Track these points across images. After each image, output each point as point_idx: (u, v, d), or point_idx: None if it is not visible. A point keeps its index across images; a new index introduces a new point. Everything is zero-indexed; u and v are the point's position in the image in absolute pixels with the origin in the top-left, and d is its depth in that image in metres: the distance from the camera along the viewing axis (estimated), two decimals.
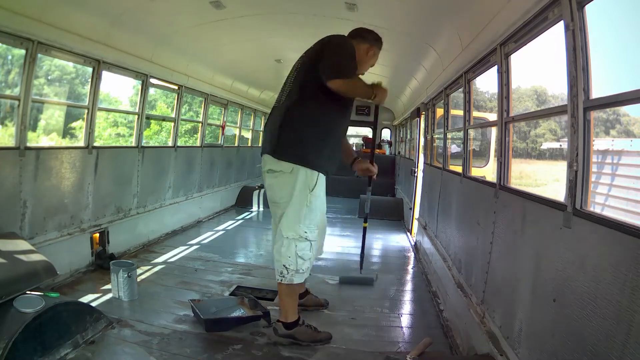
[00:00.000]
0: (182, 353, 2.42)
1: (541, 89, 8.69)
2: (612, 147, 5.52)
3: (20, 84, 2.95)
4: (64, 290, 3.12)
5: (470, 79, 3.34)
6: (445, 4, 3.10)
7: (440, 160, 4.58)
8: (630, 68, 3.67)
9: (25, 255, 2.61)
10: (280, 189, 2.50)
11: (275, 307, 3.12)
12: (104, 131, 11.54)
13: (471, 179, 3.27)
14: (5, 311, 2.17)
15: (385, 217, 7.28)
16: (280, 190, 2.50)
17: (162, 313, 2.94)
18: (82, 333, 2.42)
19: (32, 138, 4.06)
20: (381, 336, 2.86)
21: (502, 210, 2.38)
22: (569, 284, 1.56)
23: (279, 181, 2.49)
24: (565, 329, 1.55)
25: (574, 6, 1.60)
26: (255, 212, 7.35)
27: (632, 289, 1.22)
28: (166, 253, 4.37)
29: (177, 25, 4.05)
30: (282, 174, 2.47)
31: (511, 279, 2.14)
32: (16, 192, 2.96)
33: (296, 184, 2.44)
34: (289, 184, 2.45)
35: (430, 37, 3.91)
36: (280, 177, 2.48)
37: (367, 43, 2.71)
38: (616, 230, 1.32)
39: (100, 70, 3.64)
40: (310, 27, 4.55)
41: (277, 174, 2.49)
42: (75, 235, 3.53)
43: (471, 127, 3.58)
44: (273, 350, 2.53)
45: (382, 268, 4.67)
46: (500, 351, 2.05)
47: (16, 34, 2.80)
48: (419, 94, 5.95)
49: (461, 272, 3.09)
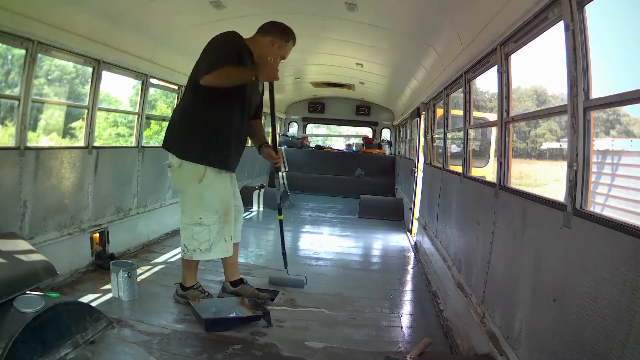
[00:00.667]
0: (182, 353, 2.42)
1: (541, 89, 8.69)
2: (612, 147, 5.51)
3: (20, 84, 2.95)
4: (64, 290, 3.12)
5: (470, 79, 3.34)
6: (445, 4, 3.10)
7: (440, 160, 4.58)
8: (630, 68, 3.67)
9: (25, 255, 2.61)
10: (176, 180, 2.87)
11: (275, 307, 3.12)
12: (104, 131, 11.53)
13: (471, 179, 3.27)
14: (5, 311, 2.17)
15: (385, 217, 7.29)
16: (175, 182, 2.89)
17: (162, 313, 2.94)
18: (82, 333, 2.42)
19: (32, 138, 4.06)
20: (381, 336, 2.86)
21: (502, 210, 2.38)
22: (569, 284, 1.56)
23: (173, 174, 2.84)
24: (565, 329, 1.55)
25: (574, 6, 1.60)
26: (255, 212, 7.35)
27: (632, 289, 1.22)
28: (166, 253, 4.37)
29: (177, 25, 4.05)
30: (174, 167, 2.80)
31: (511, 279, 2.14)
32: (16, 192, 2.96)
33: (185, 177, 2.79)
34: (180, 177, 2.81)
35: (430, 37, 3.91)
36: (174, 171, 2.82)
37: (269, 36, 2.88)
38: (616, 230, 1.32)
39: (100, 70, 3.64)
40: (310, 27, 4.55)
41: (172, 167, 2.83)
42: (75, 235, 3.53)
43: (471, 127, 3.58)
44: (273, 350, 2.53)
45: (382, 268, 4.68)
46: (500, 351, 2.05)
47: (16, 34, 2.79)
48: (419, 94, 5.95)
49: (461, 272, 3.09)
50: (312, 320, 2.99)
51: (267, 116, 5.62)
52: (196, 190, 2.78)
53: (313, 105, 10.52)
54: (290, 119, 10.85)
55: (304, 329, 2.84)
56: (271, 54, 2.87)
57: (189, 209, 2.85)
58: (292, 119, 10.85)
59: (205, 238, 2.84)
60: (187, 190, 2.84)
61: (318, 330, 2.84)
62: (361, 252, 5.29)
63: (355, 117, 10.53)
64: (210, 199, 2.81)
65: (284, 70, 7.21)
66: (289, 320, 2.93)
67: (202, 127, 2.74)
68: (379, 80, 7.16)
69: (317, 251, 4.97)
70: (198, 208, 2.81)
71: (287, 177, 9.55)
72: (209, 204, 2.81)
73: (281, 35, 2.90)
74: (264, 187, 7.95)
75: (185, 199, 2.88)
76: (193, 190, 2.80)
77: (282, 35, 2.90)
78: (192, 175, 2.76)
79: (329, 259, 4.69)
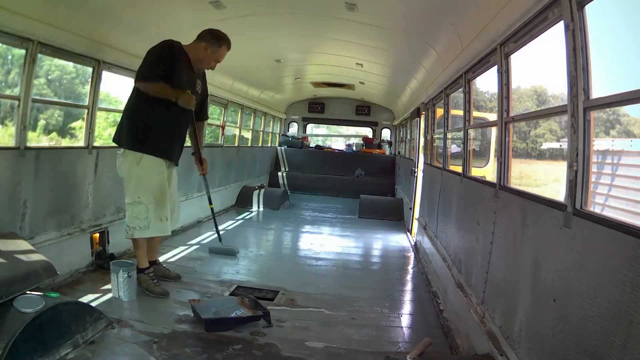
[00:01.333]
0: (182, 353, 2.42)
1: (541, 89, 8.67)
2: (612, 147, 5.51)
3: (20, 84, 2.95)
4: (64, 290, 3.12)
5: (470, 79, 3.34)
6: (445, 4, 3.10)
7: (440, 160, 4.58)
8: (630, 68, 3.67)
9: (25, 255, 2.61)
10: (120, 166, 3.23)
11: (275, 307, 3.12)
12: (104, 131, 11.52)
13: (471, 179, 3.28)
14: (5, 311, 2.17)
15: (385, 217, 7.29)
16: (120, 168, 3.24)
17: (162, 313, 2.94)
18: (82, 333, 2.42)
19: (32, 138, 4.05)
20: (381, 336, 2.86)
21: (502, 210, 2.38)
22: (569, 284, 1.56)
23: (120, 161, 3.23)
24: (565, 329, 1.55)
25: (574, 6, 1.60)
26: (255, 212, 7.35)
27: (632, 289, 1.22)
28: (166, 253, 4.37)
29: (177, 25, 4.04)
30: (120, 155, 3.23)
31: (511, 279, 2.14)
32: (16, 192, 2.96)
33: (127, 162, 3.17)
34: (124, 163, 3.19)
35: (430, 37, 3.91)
36: (120, 158, 3.22)
37: (203, 42, 3.22)
38: (616, 230, 1.32)
39: (100, 70, 3.64)
40: (310, 27, 4.56)
41: (118, 155, 3.25)
42: (75, 235, 3.53)
43: (471, 127, 3.58)
44: (273, 350, 2.53)
45: (382, 268, 4.68)
46: (500, 351, 2.05)
47: (16, 34, 2.79)
48: (419, 94, 5.95)
49: (461, 272, 3.09)
50: (312, 320, 2.99)
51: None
52: (135, 172, 3.16)
53: (313, 105, 10.53)
54: (290, 119, 10.85)
55: (304, 329, 2.84)
56: (205, 58, 3.25)
57: (130, 190, 3.21)
58: (292, 119, 10.86)
59: (144, 215, 3.19)
60: (129, 175, 3.19)
61: (318, 330, 2.84)
62: (361, 252, 5.29)
63: (355, 117, 10.53)
64: (147, 180, 3.18)
65: (284, 70, 7.24)
66: (289, 320, 2.93)
67: (142, 121, 3.15)
68: (379, 80, 7.16)
69: (317, 251, 4.97)
70: (137, 188, 3.18)
71: (287, 177, 9.55)
72: (145, 185, 3.18)
73: (214, 40, 3.23)
74: (264, 187, 7.96)
75: (127, 184, 3.22)
76: (133, 173, 3.17)
77: (214, 41, 3.23)
78: (132, 160, 3.16)
79: (329, 259, 4.69)
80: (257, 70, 6.68)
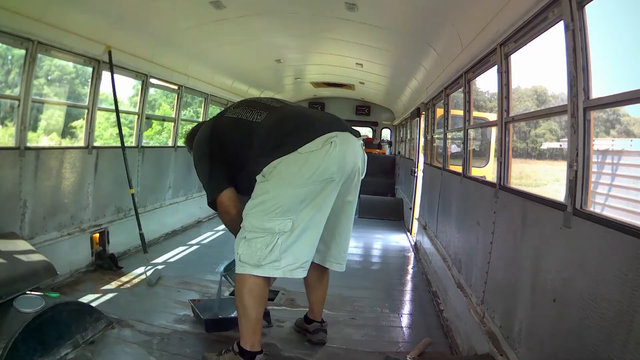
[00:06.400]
0: (182, 353, 2.42)
1: (541, 89, 8.68)
2: (612, 147, 5.51)
3: (20, 84, 2.95)
4: (64, 290, 3.12)
5: (470, 79, 3.34)
6: (445, 4, 3.10)
7: (440, 160, 4.58)
8: (630, 68, 3.67)
9: (25, 255, 2.61)
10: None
11: (275, 307, 3.12)
12: (104, 131, 11.52)
13: (471, 179, 3.27)
14: (5, 311, 2.17)
15: (385, 217, 7.29)
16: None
17: (162, 313, 2.94)
18: (82, 333, 2.42)
19: (32, 138, 4.06)
20: (381, 336, 2.86)
21: (502, 210, 2.38)
22: (569, 284, 1.56)
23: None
24: (565, 329, 1.55)
25: (574, 6, 1.60)
26: None
27: (632, 289, 1.22)
28: (166, 253, 4.37)
29: (178, 25, 4.05)
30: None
31: (511, 279, 2.14)
32: (16, 192, 2.96)
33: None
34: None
35: (430, 37, 3.91)
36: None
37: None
38: (616, 230, 1.32)
39: (100, 70, 3.64)
40: (310, 27, 4.56)
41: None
42: (75, 235, 3.53)
43: (471, 127, 3.58)
44: (273, 350, 2.52)
45: (382, 268, 4.68)
46: (500, 351, 2.05)
47: (16, 34, 2.79)
48: (419, 94, 5.95)
49: (461, 272, 3.09)
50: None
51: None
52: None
53: (313, 105, 10.53)
54: None
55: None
56: None
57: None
58: None
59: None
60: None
61: None
62: (361, 252, 5.28)
63: (355, 117, 10.53)
64: None
65: (284, 70, 7.23)
66: (289, 320, 2.93)
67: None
68: (379, 80, 7.16)
69: None
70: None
71: None
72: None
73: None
74: None
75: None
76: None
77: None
78: None
79: None
80: (257, 70, 6.68)
